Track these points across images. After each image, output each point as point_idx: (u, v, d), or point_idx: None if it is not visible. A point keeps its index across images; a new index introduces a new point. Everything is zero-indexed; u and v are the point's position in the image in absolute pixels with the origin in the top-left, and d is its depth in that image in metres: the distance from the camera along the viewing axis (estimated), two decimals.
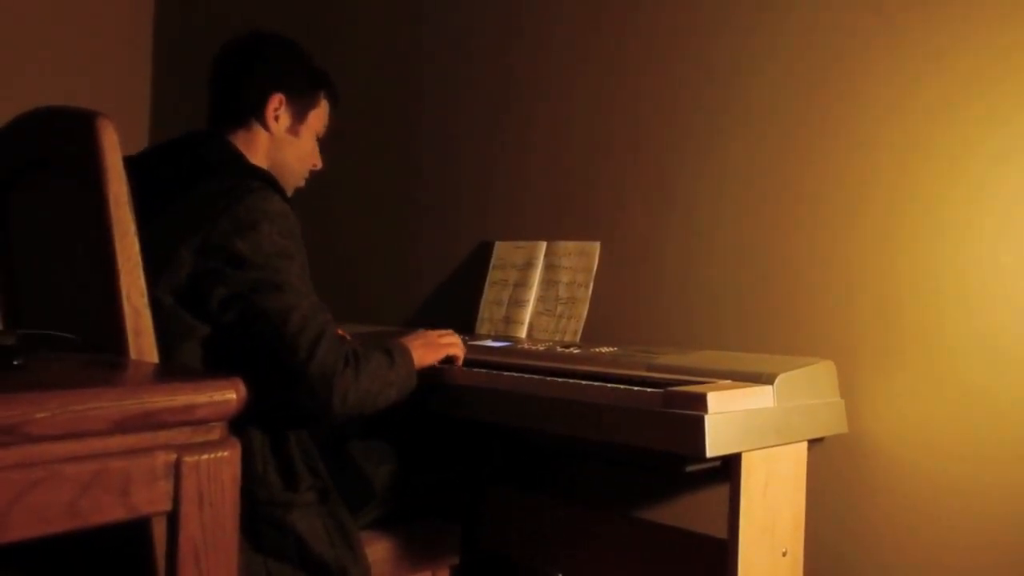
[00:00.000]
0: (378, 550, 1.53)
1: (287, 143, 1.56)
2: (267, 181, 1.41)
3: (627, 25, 1.93)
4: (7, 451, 0.69)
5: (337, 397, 1.28)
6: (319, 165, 1.64)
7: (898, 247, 1.53)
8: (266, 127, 1.53)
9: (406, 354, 1.45)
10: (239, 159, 1.46)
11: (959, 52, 1.48)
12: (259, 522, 1.33)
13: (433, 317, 2.20)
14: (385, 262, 2.42)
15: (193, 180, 1.37)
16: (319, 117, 1.61)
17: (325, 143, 1.66)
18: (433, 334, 1.59)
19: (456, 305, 2.14)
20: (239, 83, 1.52)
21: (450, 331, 1.63)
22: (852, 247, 1.58)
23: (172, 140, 1.50)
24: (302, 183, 1.63)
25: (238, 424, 0.87)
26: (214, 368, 1.30)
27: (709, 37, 1.79)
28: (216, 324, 1.31)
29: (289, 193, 1.55)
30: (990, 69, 1.45)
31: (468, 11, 2.26)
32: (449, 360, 1.59)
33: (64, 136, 1.09)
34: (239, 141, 1.51)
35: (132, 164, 1.44)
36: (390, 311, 2.32)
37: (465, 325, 2.02)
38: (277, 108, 1.53)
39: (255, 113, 1.52)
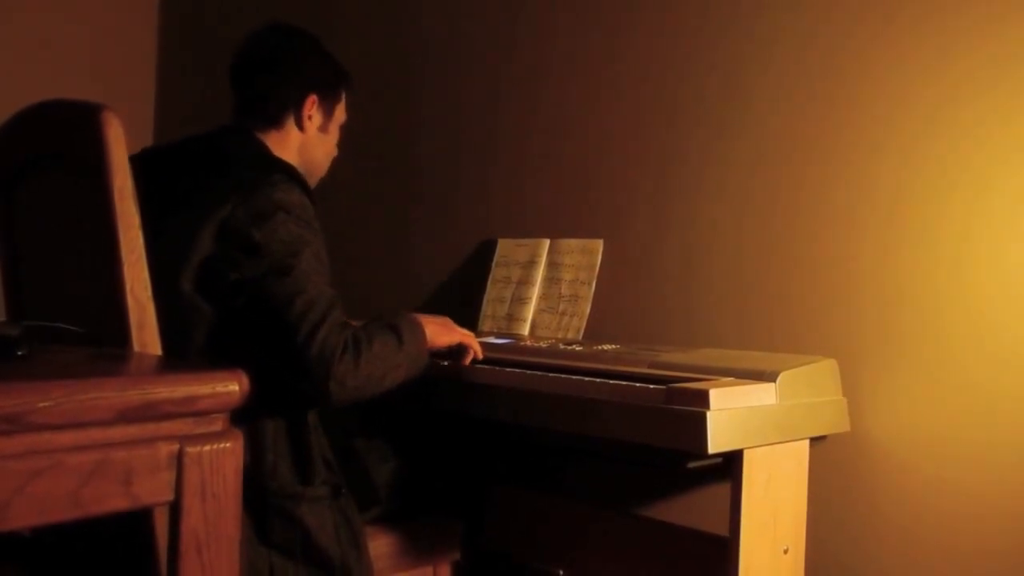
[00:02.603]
0: (381, 545, 1.53)
1: (317, 141, 1.60)
2: (289, 174, 1.42)
3: (630, 22, 1.93)
4: (10, 440, 0.69)
5: (335, 382, 1.28)
6: (336, 154, 1.68)
7: (901, 246, 1.53)
8: (300, 127, 1.56)
9: (417, 330, 1.43)
10: (265, 154, 1.48)
11: (961, 51, 1.48)
12: (268, 513, 1.34)
13: (436, 315, 2.20)
14: (388, 260, 2.42)
15: (217, 174, 1.39)
16: (342, 110, 1.65)
17: None
18: (450, 320, 1.58)
19: (459, 303, 2.14)
20: (274, 84, 1.54)
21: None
22: (855, 246, 1.58)
23: (201, 134, 1.51)
24: (324, 174, 1.67)
25: (249, 416, 0.87)
26: (226, 355, 1.30)
27: (711, 35, 1.79)
28: (226, 308, 1.32)
29: (313, 185, 1.56)
30: (991, 69, 1.45)
31: (468, 6, 2.26)
32: (460, 353, 1.56)
33: (69, 129, 1.09)
34: (270, 140, 1.53)
35: (160, 156, 1.47)
36: (392, 309, 2.32)
37: (468, 323, 2.01)
38: (311, 109, 1.56)
39: (291, 114, 1.55)
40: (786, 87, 1.68)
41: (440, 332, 1.52)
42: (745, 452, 1.30)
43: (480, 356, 1.57)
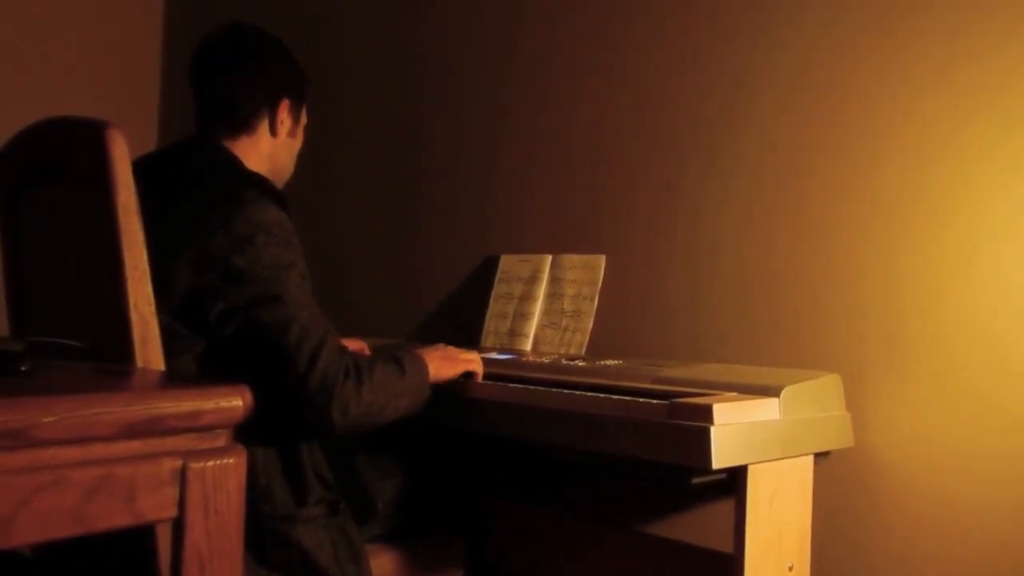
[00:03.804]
0: (383, 563, 1.52)
1: (287, 146, 1.55)
2: (261, 188, 1.39)
3: (630, 36, 1.94)
4: (13, 455, 0.69)
5: (337, 410, 1.26)
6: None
7: (904, 261, 1.53)
8: (273, 133, 1.51)
9: (419, 364, 1.42)
10: (233, 166, 1.44)
11: (966, 62, 1.48)
12: (264, 537, 1.33)
13: (438, 331, 2.20)
14: (390, 276, 2.42)
15: (187, 190, 1.35)
16: (305, 111, 1.60)
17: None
18: (453, 349, 1.56)
19: (461, 319, 2.14)
20: (243, 90, 1.48)
21: (472, 350, 1.60)
22: (858, 260, 1.58)
23: (163, 149, 1.48)
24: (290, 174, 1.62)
25: (240, 439, 0.86)
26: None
27: (714, 48, 1.80)
28: (215, 338, 1.30)
29: (281, 186, 1.52)
30: (996, 80, 1.45)
31: (469, 21, 2.27)
32: (467, 376, 1.56)
33: (74, 146, 1.10)
34: (240, 148, 1.47)
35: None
36: (395, 325, 2.33)
37: (470, 339, 2.01)
38: (283, 113, 1.51)
39: (264, 120, 1.50)
40: (788, 101, 1.69)
41: (444, 365, 1.50)
42: (749, 468, 1.30)
43: (480, 378, 1.57)
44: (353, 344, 1.64)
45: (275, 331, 1.27)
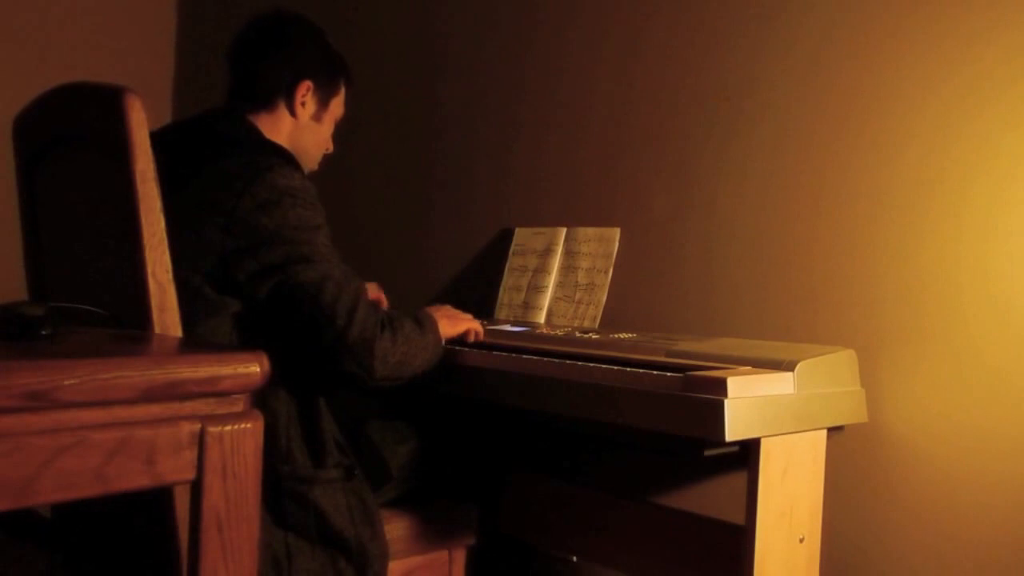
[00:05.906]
0: (396, 528, 1.54)
1: (309, 129, 1.58)
2: (286, 158, 1.42)
3: (648, 11, 1.92)
4: (36, 416, 0.70)
5: (378, 360, 1.32)
6: (331, 149, 1.67)
7: (921, 236, 1.52)
8: (292, 112, 1.55)
9: (433, 322, 1.48)
10: (258, 136, 1.47)
11: (986, 43, 1.46)
12: (282, 497, 1.36)
13: (453, 303, 2.20)
14: (406, 248, 2.43)
15: (212, 157, 1.38)
16: (339, 104, 1.64)
17: (345, 131, 1.67)
18: (452, 308, 1.63)
19: (476, 291, 2.14)
20: (268, 66, 1.53)
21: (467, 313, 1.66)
22: (874, 236, 1.57)
23: (191, 118, 1.51)
24: (315, 167, 1.65)
25: (262, 400, 0.89)
26: (244, 343, 1.32)
27: (730, 26, 1.78)
28: (248, 299, 1.33)
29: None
30: (1015, 62, 1.43)
31: None
32: (470, 346, 1.59)
33: (91, 112, 1.10)
34: (262, 122, 1.52)
35: (152, 142, 1.46)
36: (410, 296, 2.33)
37: (484, 311, 2.02)
38: (304, 95, 1.55)
39: (283, 98, 1.53)
40: (806, 76, 1.67)
41: (449, 324, 1.56)
42: (762, 441, 1.30)
43: (481, 337, 1.62)
44: (370, 288, 1.67)
45: (311, 290, 1.30)
